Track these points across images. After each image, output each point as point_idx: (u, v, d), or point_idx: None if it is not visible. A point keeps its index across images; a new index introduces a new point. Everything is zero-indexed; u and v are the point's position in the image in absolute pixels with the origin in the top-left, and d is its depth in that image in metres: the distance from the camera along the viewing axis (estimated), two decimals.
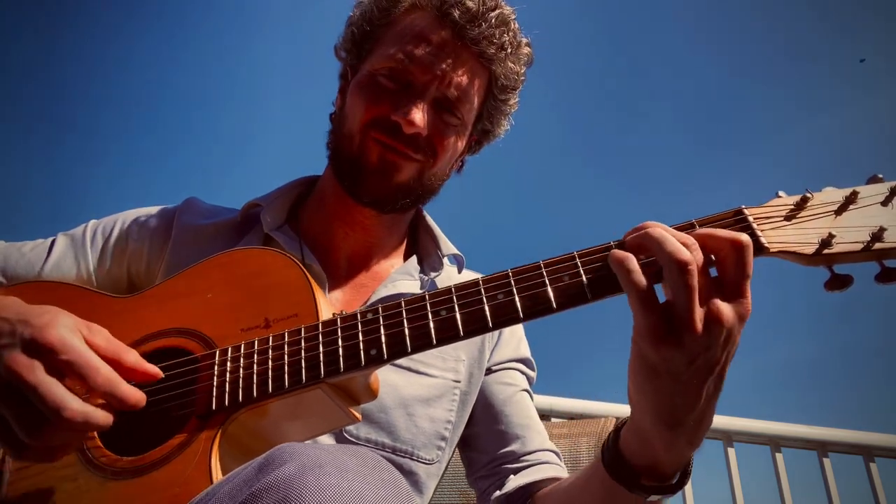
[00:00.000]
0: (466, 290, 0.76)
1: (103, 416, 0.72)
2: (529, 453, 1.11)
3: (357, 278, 1.15)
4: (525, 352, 1.25)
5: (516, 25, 1.11)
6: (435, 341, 0.74)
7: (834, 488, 2.42)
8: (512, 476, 1.08)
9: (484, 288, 0.75)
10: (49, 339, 0.72)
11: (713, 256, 0.70)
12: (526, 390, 1.21)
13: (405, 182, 1.07)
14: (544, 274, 0.73)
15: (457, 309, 0.75)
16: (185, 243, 1.11)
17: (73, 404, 0.70)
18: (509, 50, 1.09)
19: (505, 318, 0.73)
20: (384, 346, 0.76)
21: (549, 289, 0.72)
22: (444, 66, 1.03)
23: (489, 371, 1.18)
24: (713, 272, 0.70)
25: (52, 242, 1.13)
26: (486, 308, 0.74)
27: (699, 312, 0.65)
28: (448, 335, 0.74)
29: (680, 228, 0.72)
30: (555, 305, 0.71)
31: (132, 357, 0.80)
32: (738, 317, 0.67)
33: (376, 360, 0.75)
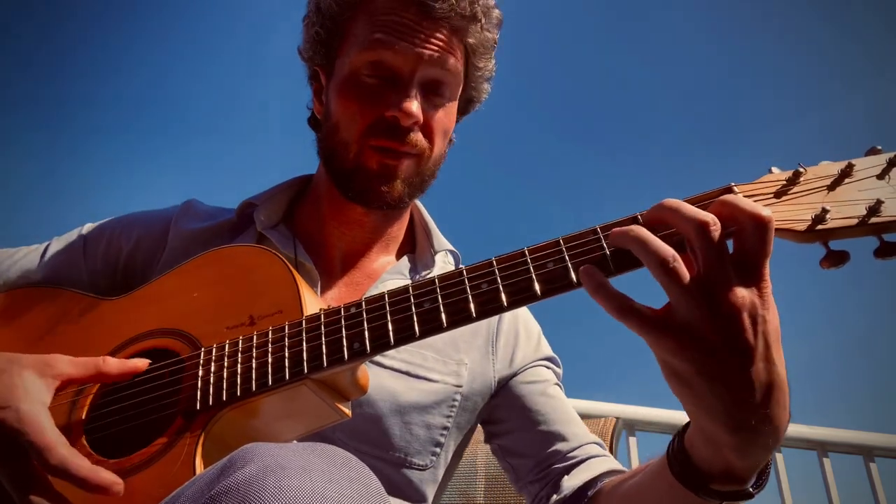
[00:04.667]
0: (450, 280, 0.75)
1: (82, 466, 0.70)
2: (575, 449, 1.07)
3: (352, 276, 1.13)
4: (546, 351, 1.21)
5: None
6: (418, 333, 0.72)
7: (834, 488, 2.36)
8: (565, 477, 1.03)
9: (468, 278, 0.74)
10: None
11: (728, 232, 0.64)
12: (557, 384, 1.17)
13: (408, 177, 1.06)
14: (529, 261, 0.71)
15: (440, 300, 0.73)
16: (181, 248, 1.10)
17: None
18: (483, 20, 1.06)
19: (489, 307, 0.71)
20: (367, 339, 0.74)
21: (534, 276, 0.70)
22: (422, 48, 1.01)
23: (513, 376, 1.13)
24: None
25: (46, 247, 1.12)
26: (470, 298, 0.72)
27: (729, 282, 0.60)
28: (431, 326, 0.72)
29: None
30: (539, 293, 0.69)
31: (113, 366, 0.80)
32: (758, 296, 0.61)
33: (360, 354, 0.74)
